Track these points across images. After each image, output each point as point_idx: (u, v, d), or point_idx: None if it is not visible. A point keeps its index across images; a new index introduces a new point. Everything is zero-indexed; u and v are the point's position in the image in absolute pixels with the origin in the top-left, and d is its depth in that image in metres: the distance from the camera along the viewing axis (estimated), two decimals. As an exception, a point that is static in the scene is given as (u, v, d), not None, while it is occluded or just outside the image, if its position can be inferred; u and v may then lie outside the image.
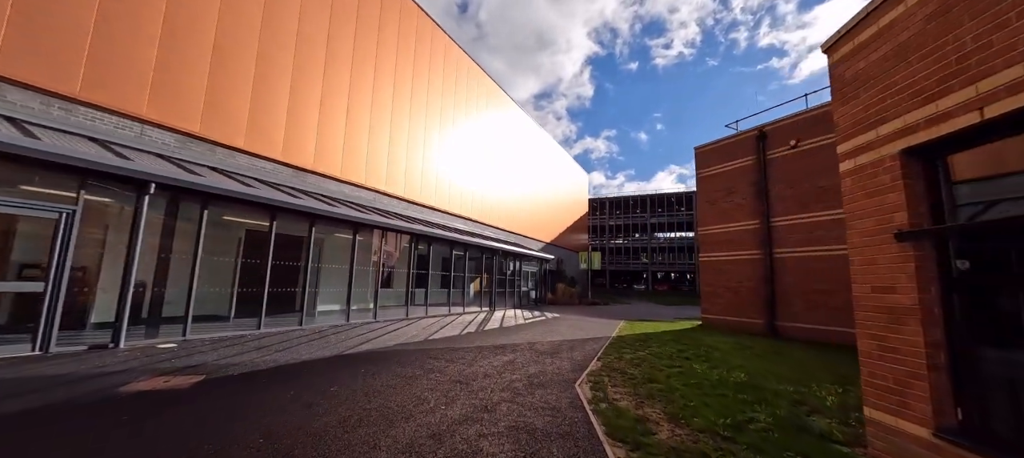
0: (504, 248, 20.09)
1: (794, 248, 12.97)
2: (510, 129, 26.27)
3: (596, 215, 59.51)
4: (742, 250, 14.58)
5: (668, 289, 53.53)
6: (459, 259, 17.59)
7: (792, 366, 8.05)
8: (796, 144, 13.22)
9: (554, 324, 14.40)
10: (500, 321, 14.60)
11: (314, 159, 12.94)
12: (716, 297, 15.29)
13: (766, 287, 13.55)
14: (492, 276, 19.57)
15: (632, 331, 13.33)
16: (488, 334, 11.05)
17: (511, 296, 21.74)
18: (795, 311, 12.75)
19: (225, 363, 6.21)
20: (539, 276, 26.78)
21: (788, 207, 13.28)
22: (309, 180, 12.81)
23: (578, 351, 9.02)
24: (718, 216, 15.57)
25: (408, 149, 16.81)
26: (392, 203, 15.86)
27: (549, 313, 19.30)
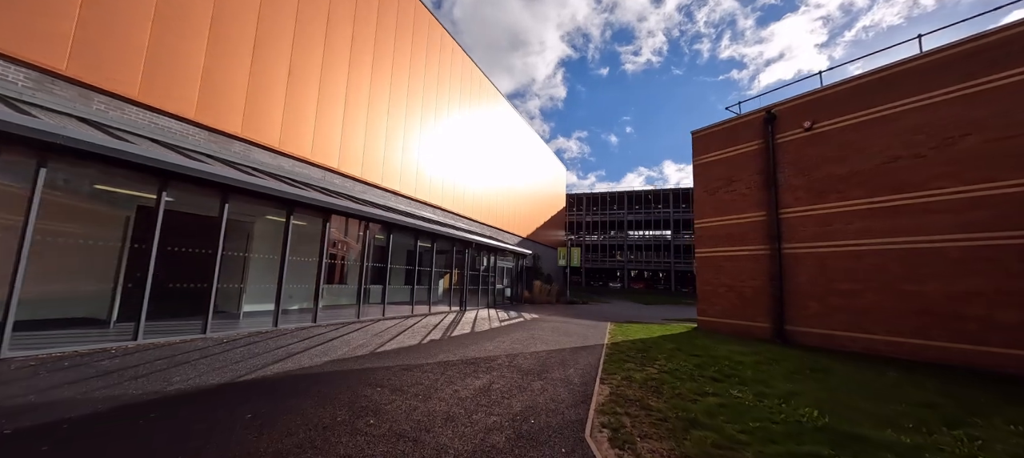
0: (478, 240, 17.89)
1: (807, 243, 11.47)
2: (488, 115, 24.04)
3: (573, 211, 58.10)
4: (746, 245, 13.01)
5: (644, 287, 52.82)
6: (426, 252, 15.26)
7: (854, 390, 6.31)
8: (811, 126, 11.71)
9: (534, 327, 12.36)
10: (472, 324, 12.43)
11: (243, 124, 10.32)
12: (715, 297, 13.69)
13: (774, 286, 12.01)
14: (464, 272, 17.34)
15: (625, 336, 11.48)
16: (457, 342, 8.87)
17: (485, 294, 19.58)
18: (808, 314, 11.25)
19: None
20: (515, 273, 24.76)
21: (800, 197, 11.77)
22: (234, 149, 10.19)
23: (571, 367, 6.99)
24: (718, 208, 13.96)
25: (369, 125, 14.32)
26: (348, 185, 13.35)
27: (527, 313, 17.27)
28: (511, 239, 27.04)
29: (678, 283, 52.22)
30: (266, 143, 10.81)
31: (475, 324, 12.54)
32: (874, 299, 10.06)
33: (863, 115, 10.71)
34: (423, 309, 14.38)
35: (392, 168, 15.33)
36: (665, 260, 53.32)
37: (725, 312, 13.34)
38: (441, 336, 9.69)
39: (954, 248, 9.06)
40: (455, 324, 12.22)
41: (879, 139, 10.36)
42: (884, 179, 10.18)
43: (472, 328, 11.58)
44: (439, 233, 14.81)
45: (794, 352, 9.80)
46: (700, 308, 14.16)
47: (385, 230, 12.68)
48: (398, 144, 15.69)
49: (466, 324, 12.38)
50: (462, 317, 14.12)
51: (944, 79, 9.45)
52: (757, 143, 13.08)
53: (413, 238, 13.87)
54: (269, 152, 10.97)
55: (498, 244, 20.47)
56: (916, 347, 9.30)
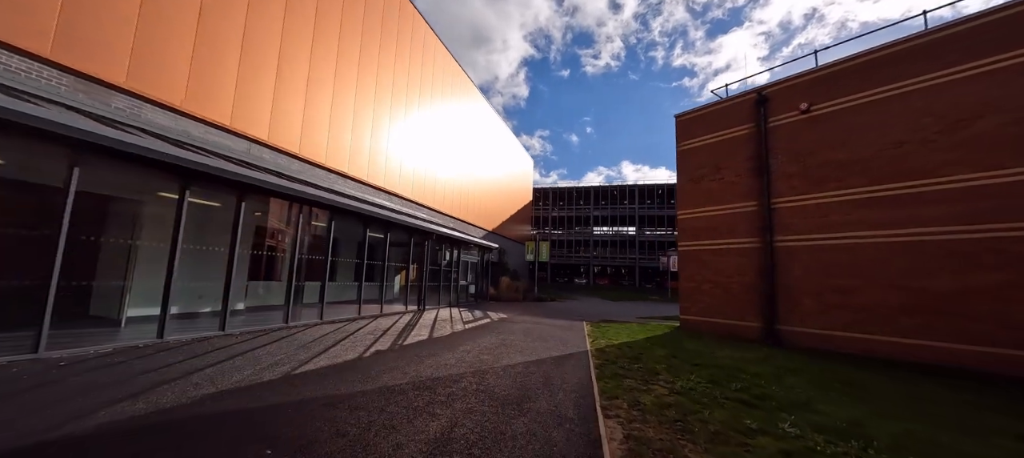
0: (439, 231, 15.94)
1: (803, 235, 10.53)
2: (454, 99, 21.98)
3: (538, 206, 56.95)
4: (734, 238, 11.97)
5: (609, 283, 52.65)
6: (379, 244, 13.16)
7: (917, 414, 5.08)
8: (808, 108, 10.76)
9: (504, 330, 10.68)
10: (431, 326, 10.55)
11: (129, 74, 7.82)
12: (699, 295, 12.59)
13: (765, 283, 11.02)
14: (424, 267, 15.35)
15: (608, 339, 10.05)
16: (409, 354, 7.00)
17: (447, 291, 17.65)
18: (802, 312, 10.30)
19: None
20: (480, 268, 22.96)
21: (795, 185, 10.81)
22: (115, 102, 7.69)
23: (560, 391, 5.36)
24: (703, 197, 12.86)
25: (312, 94, 11.97)
26: (283, 163, 10.99)
27: (494, 313, 15.56)
28: (476, 232, 25.19)
29: (642, 279, 52.45)
30: (167, 101, 8.34)
31: (435, 327, 10.66)
32: (875, 296, 9.19)
33: (866, 96, 9.82)
34: (374, 309, 12.30)
35: (339, 147, 13.05)
36: (630, 256, 53.39)
37: (710, 310, 12.27)
38: (390, 345, 7.77)
39: (965, 240, 8.27)
40: (411, 327, 10.29)
41: (883, 123, 9.49)
42: (888, 166, 9.32)
43: (431, 333, 9.71)
44: (394, 222, 12.75)
45: (798, 356, 8.72)
46: (683, 306, 13.04)
47: (327, 216, 10.51)
48: (347, 120, 13.41)
49: (424, 327, 10.48)
50: (420, 318, 12.18)
51: (957, 56, 8.64)
52: (747, 127, 12.05)
53: (362, 227, 11.75)
54: (170, 112, 8.51)
55: (462, 236, 18.59)
56: (921, 348, 8.47)
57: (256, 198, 8.78)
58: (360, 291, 11.54)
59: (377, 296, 12.69)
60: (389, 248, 13.08)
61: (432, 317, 12.84)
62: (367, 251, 11.84)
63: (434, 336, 9.30)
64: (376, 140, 14.92)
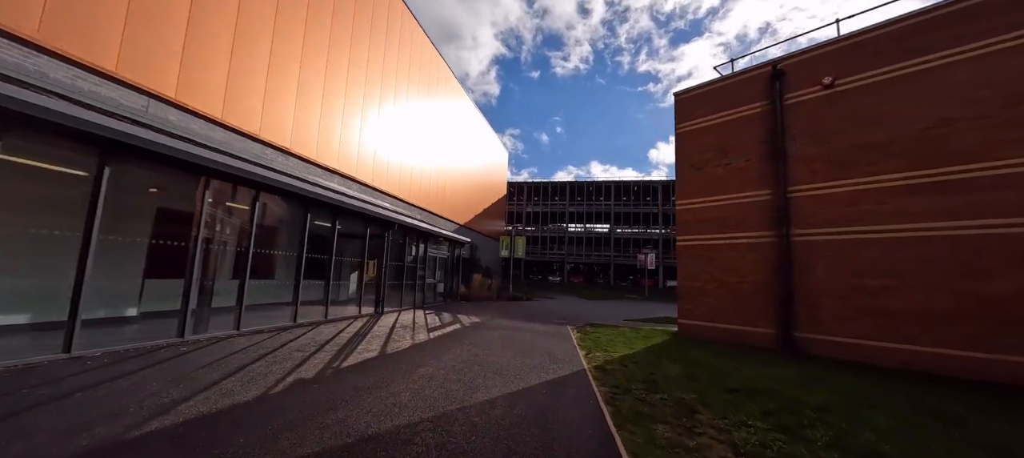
0: (402, 221, 13.71)
1: (825, 228, 9.09)
2: (424, 79, 19.62)
3: (513, 201, 55.07)
4: (744, 231, 10.46)
5: (583, 281, 51.55)
6: (325, 234, 10.81)
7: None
8: (832, 83, 9.33)
9: (477, 340, 8.67)
10: (386, 337, 8.39)
11: None
12: (702, 296, 11.03)
13: (780, 283, 9.55)
14: (384, 263, 13.08)
15: (603, 351, 8.25)
16: (343, 386, 4.88)
17: (412, 290, 15.42)
18: (825, 318, 8.88)
19: None
20: (450, 265, 20.78)
21: (816, 171, 9.37)
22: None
23: (566, 448, 3.42)
24: (707, 185, 11.30)
25: (241, 43, 9.44)
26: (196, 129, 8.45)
27: (465, 316, 13.51)
28: (446, 226, 22.97)
29: (617, 277, 51.68)
30: (28, 36, 5.73)
31: (391, 337, 8.51)
32: (916, 299, 7.82)
33: (904, 67, 8.44)
34: (317, 314, 9.98)
35: (279, 116, 10.56)
36: (605, 254, 52.47)
37: (715, 314, 10.73)
38: (320, 370, 5.60)
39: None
40: (359, 339, 8.10)
41: (925, 97, 8.13)
42: (932, 147, 7.95)
43: (384, 346, 7.57)
44: (346, 207, 10.47)
45: (844, 373, 7.17)
46: (682, 308, 11.45)
47: (250, 195, 8.14)
48: (290, 85, 10.92)
49: (376, 338, 8.31)
50: (375, 325, 9.97)
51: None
52: (760, 105, 10.55)
53: (304, 212, 9.42)
54: (33, 50, 5.91)
55: (429, 228, 16.38)
56: (976, 362, 7.13)
57: (142, 165, 6.34)
58: (297, 291, 9.22)
59: (322, 297, 10.36)
60: (338, 239, 10.76)
61: (390, 323, 10.64)
62: (308, 242, 9.51)
63: (387, 351, 7.17)
64: (329, 115, 12.49)
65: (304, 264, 9.32)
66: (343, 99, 13.30)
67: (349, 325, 9.79)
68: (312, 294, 10.47)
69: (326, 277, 10.41)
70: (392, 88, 16.53)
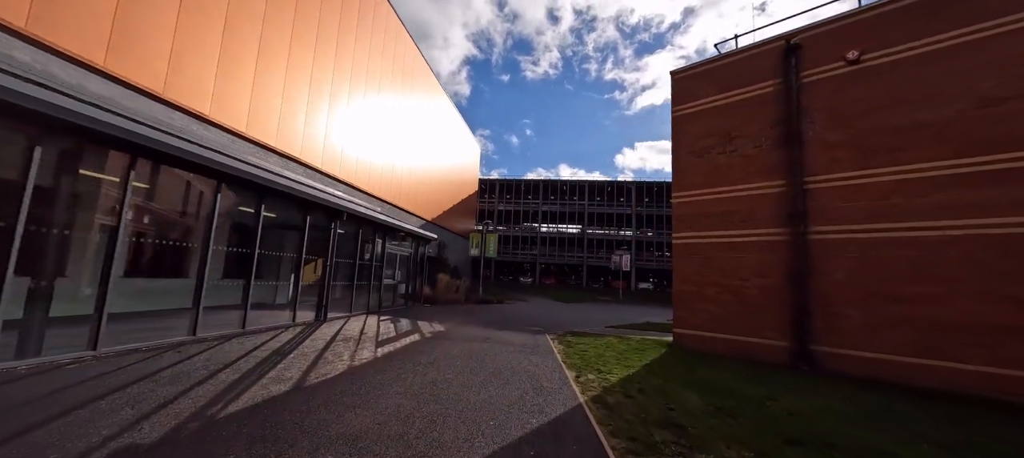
0: (355, 211, 11.56)
1: (849, 225, 7.82)
2: (387, 56, 17.37)
3: (484, 198, 53.04)
4: (751, 228, 9.10)
5: (555, 282, 50.25)
6: (248, 221, 8.54)
7: None
8: (858, 57, 8.09)
9: (438, 359, 6.76)
10: (315, 357, 6.32)
11: None
12: (700, 301, 9.59)
13: (795, 288, 8.22)
14: (330, 259, 10.89)
15: (599, 373, 6.57)
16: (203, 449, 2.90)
17: (366, 292, 13.23)
18: (848, 329, 7.59)
19: None
20: (413, 263, 18.62)
21: (838, 158, 8.10)
22: None
23: None
24: (709, 175, 9.89)
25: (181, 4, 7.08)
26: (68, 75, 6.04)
27: (426, 323, 11.53)
28: (411, 221, 20.78)
29: (589, 279, 50.76)
30: None
31: (323, 357, 6.46)
32: (964, 309, 6.61)
33: (945, 39, 7.26)
34: (231, 324, 7.75)
35: (198, 72, 8.18)
36: (577, 255, 51.43)
37: (716, 323, 9.30)
38: (174, 426, 3.53)
39: (1096, 235, 5.85)
40: (279, 359, 6.00)
41: (971, 73, 6.96)
42: (981, 130, 6.79)
43: (306, 373, 5.53)
44: (275, 188, 8.27)
45: (901, 402, 5.78)
46: (678, 316, 9.98)
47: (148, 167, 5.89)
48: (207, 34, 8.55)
49: (302, 358, 6.23)
50: (309, 338, 7.85)
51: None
52: (772, 84, 9.22)
53: (233, 194, 7.20)
54: None
55: (387, 220, 14.25)
56: (1038, 386, 5.95)
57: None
58: (199, 294, 6.97)
59: (240, 301, 8.10)
60: (267, 229, 8.54)
61: (330, 334, 8.53)
62: (223, 231, 7.29)
63: (308, 381, 5.15)
64: (267, 83, 10.16)
65: (209, 258, 7.08)
66: (286, 62, 10.99)
67: (273, 338, 7.62)
68: (222, 298, 8.20)
69: (247, 276, 8.16)
70: (355, 67, 14.25)
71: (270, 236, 9.83)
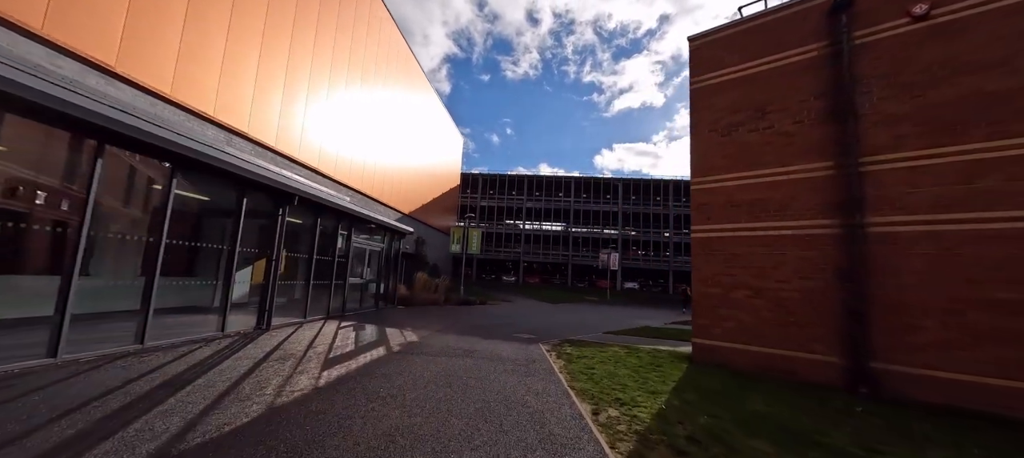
0: (312, 194, 9.54)
1: (920, 215, 6.38)
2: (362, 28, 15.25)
3: (466, 193, 50.95)
4: (789, 219, 7.58)
5: (539, 281, 48.67)
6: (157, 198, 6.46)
7: None
8: (926, 12, 6.64)
9: (402, 390, 4.92)
10: (226, 389, 4.36)
11: None
12: (726, 307, 8.03)
13: (847, 291, 6.73)
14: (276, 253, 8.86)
15: (623, 408, 4.87)
16: None
17: (327, 294, 11.19)
18: (920, 343, 6.13)
19: None
20: (387, 259, 16.58)
21: (904, 135, 6.64)
22: None
23: None
24: (736, 156, 8.34)
25: None
26: None
27: (397, 332, 9.63)
28: (386, 213, 18.70)
29: (574, 278, 49.40)
30: None
31: (231, 394, 4.50)
32: (1080, 322, 5.19)
33: (1046, -17, 5.85)
34: (124, 338, 5.69)
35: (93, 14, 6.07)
36: (562, 253, 49.99)
37: (746, 333, 7.75)
38: None
39: None
40: (167, 394, 4.04)
41: (1083, 24, 5.56)
42: (1098, 96, 5.38)
43: (195, 421, 3.59)
44: (200, 160, 6.23)
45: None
46: (699, 325, 8.39)
47: None
48: None
49: (199, 394, 4.26)
50: (229, 358, 5.85)
51: None
52: (815, 47, 7.72)
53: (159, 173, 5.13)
54: None
55: (354, 209, 12.22)
56: None
57: None
58: (65, 300, 4.91)
59: (145, 304, 6.03)
60: (171, 212, 6.51)
61: (264, 350, 6.54)
62: (97, 209, 5.24)
63: (193, 439, 3.23)
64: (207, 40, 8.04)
65: (80, 246, 5.02)
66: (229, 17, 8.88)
67: (178, 359, 5.61)
68: (123, 301, 6.14)
69: (151, 271, 6.09)
70: (316, 22, 12.12)
71: (207, 223, 7.77)
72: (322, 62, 13.03)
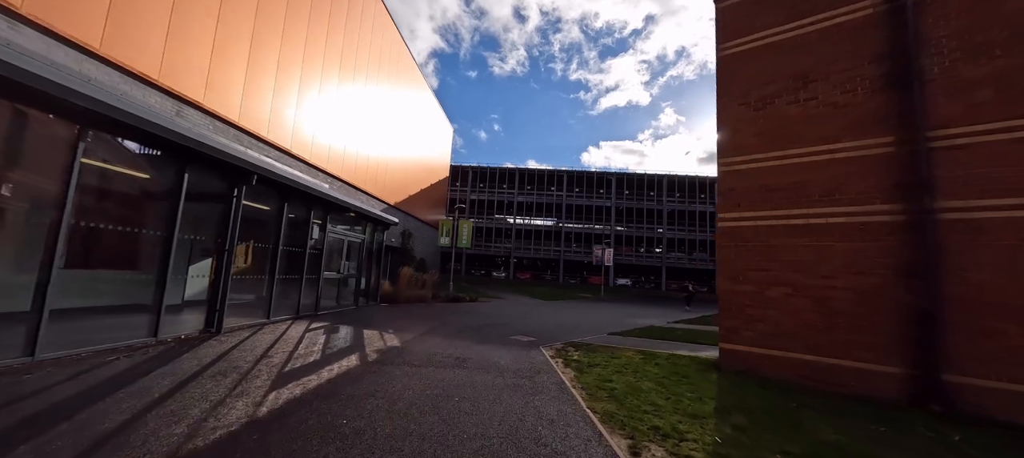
0: (276, 174, 8.13)
1: (1006, 198, 5.30)
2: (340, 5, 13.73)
3: (455, 186, 49.45)
4: (838, 204, 6.48)
5: (530, 278, 47.59)
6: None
7: None
8: (1012, -45, 5.55)
9: (370, 412, 3.65)
10: (123, 423, 3.02)
11: None
12: (761, 309, 6.92)
13: (913, 291, 5.65)
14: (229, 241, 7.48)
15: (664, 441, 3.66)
16: None
17: (297, 290, 9.79)
18: (1005, 351, 5.08)
19: None
20: (369, 252, 15.16)
21: (983, 103, 5.58)
22: None
23: None
24: (772, 133, 7.21)
25: None
26: None
27: (375, 335, 8.32)
28: (369, 203, 17.24)
29: (567, 274, 48.42)
30: None
31: (135, 426, 3.15)
32: None
33: None
34: (10, 349, 4.29)
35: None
36: (555, 249, 48.93)
37: (784, 338, 6.65)
38: None
39: None
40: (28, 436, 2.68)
41: None
42: None
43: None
44: (124, 120, 4.80)
45: None
46: (727, 327, 7.26)
47: None
48: None
49: (91, 428, 2.90)
50: (154, 371, 4.49)
51: None
52: (870, 3, 6.59)
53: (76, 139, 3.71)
54: None
55: (329, 195, 10.81)
56: None
57: None
58: None
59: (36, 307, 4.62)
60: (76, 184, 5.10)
61: (204, 360, 5.18)
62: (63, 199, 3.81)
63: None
64: None
65: None
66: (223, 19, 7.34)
67: (79, 375, 4.23)
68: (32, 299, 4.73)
69: (47, 262, 4.67)
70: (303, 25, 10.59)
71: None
72: (295, 37, 11.52)
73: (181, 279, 7.25)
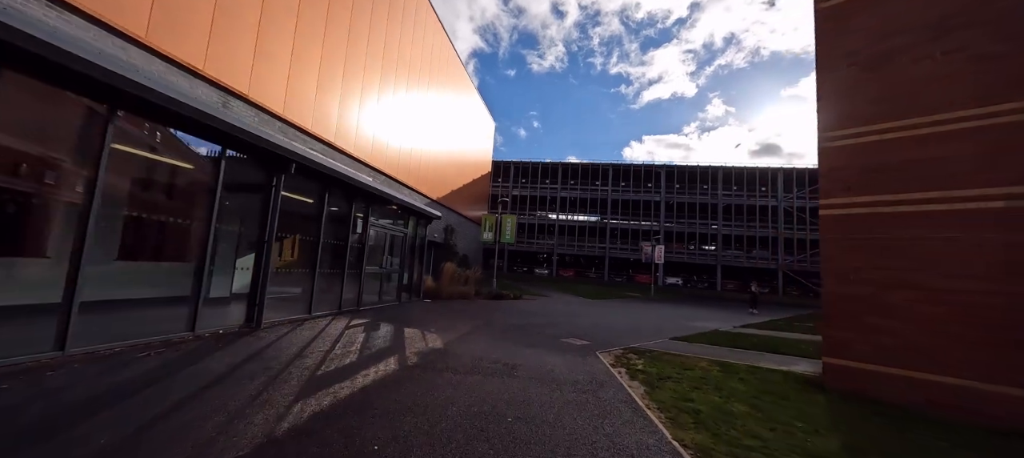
0: (315, 164, 7.79)
1: None
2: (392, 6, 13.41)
3: (498, 182, 49.02)
4: (987, 185, 5.03)
5: (573, 275, 46.25)
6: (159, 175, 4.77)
7: None
8: None
9: (407, 434, 2.94)
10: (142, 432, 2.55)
11: None
12: (881, 317, 5.59)
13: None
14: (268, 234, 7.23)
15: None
16: None
17: (339, 284, 9.49)
18: None
19: None
20: (411, 247, 14.84)
21: None
22: None
23: None
24: (893, 98, 5.82)
25: None
26: None
27: (417, 334, 7.77)
28: (412, 196, 16.99)
29: (612, 272, 46.62)
30: None
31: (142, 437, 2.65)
32: None
33: None
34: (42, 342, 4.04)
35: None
36: (599, 246, 47.23)
37: (911, 353, 5.30)
38: None
39: None
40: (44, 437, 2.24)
41: None
42: None
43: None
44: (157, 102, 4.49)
45: None
46: (834, 339, 5.98)
47: None
48: None
49: (113, 429, 2.44)
50: (184, 370, 4.09)
51: None
52: (1042, -80, 5.06)
53: None
54: None
55: (372, 187, 10.44)
56: None
57: None
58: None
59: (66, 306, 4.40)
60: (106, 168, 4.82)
61: (227, 365, 4.77)
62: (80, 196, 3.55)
63: None
64: None
65: None
66: None
67: (105, 374, 3.90)
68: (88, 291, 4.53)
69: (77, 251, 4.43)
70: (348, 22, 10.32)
71: (181, 193, 6.12)
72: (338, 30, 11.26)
73: (228, 272, 7.07)
